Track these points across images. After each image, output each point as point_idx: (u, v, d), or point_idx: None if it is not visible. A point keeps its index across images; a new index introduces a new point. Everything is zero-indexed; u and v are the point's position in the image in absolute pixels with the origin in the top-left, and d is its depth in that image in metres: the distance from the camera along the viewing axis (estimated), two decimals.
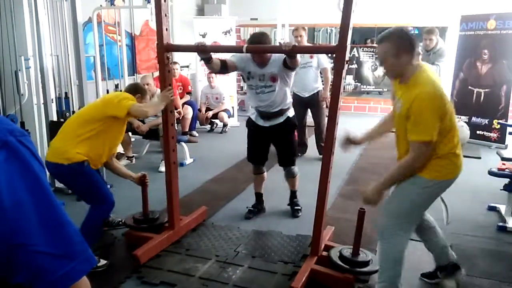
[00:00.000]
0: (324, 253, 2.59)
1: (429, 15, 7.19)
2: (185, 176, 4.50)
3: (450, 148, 2.02)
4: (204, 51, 2.59)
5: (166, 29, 2.54)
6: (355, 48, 8.08)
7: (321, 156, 5.03)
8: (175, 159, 2.84)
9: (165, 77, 2.65)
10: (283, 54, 2.71)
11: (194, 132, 6.40)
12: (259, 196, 3.52)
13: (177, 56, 7.02)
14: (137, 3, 6.29)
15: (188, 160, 4.96)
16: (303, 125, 5.14)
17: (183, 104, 6.11)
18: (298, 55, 2.78)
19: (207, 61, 2.73)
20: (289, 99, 3.18)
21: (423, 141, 1.91)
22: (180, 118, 5.89)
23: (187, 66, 7.68)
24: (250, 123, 3.29)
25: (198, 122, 6.65)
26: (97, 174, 2.67)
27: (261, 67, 2.96)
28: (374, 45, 8.27)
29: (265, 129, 3.18)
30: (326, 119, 5.19)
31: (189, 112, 6.02)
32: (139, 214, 3.00)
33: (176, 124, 5.50)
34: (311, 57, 4.89)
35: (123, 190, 3.66)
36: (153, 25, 7.47)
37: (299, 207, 3.47)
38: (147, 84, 4.42)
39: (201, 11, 9.01)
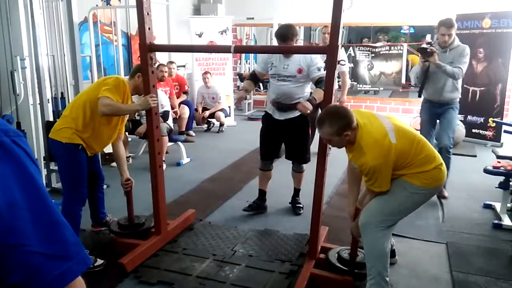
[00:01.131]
0: (322, 256, 2.59)
1: (424, 14, 7.21)
2: (182, 175, 4.51)
3: (420, 170, 2.12)
4: (198, 51, 2.59)
5: (149, 28, 2.49)
6: (351, 47, 8.09)
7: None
8: (161, 162, 2.80)
9: (149, 78, 2.58)
10: (314, 74, 3.09)
11: (191, 132, 6.40)
12: (262, 193, 3.53)
13: (174, 56, 7.02)
14: (133, 2, 6.24)
15: (185, 160, 4.96)
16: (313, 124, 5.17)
17: (180, 103, 6.10)
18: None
19: (256, 82, 3.39)
20: (307, 95, 3.23)
21: (377, 191, 2.18)
22: (177, 117, 5.89)
23: (184, 66, 7.68)
24: (266, 117, 3.37)
25: (194, 121, 6.65)
26: (85, 164, 2.69)
27: (286, 56, 3.10)
28: (371, 44, 8.30)
29: (281, 123, 3.23)
30: None
31: (185, 111, 6.02)
32: (124, 220, 2.92)
33: (173, 124, 5.54)
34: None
35: (120, 190, 3.65)
36: None
37: (301, 205, 3.50)
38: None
39: (197, 11, 9.00)
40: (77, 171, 2.66)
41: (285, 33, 2.95)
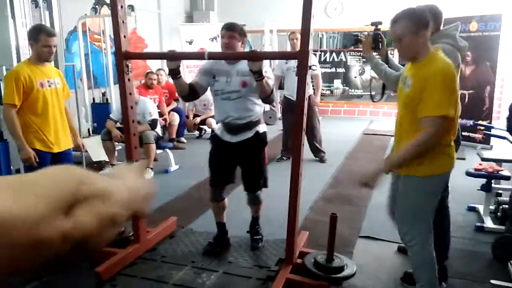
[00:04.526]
0: (299, 261, 2.58)
1: None
2: (169, 182, 4.51)
3: (449, 139, 2.00)
4: (172, 58, 2.50)
5: (124, 36, 2.52)
6: (342, 53, 8.12)
7: (313, 158, 5.10)
8: None
9: (125, 87, 2.59)
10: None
11: (182, 139, 6.41)
12: (221, 226, 2.98)
13: (164, 64, 7.05)
14: None
15: (173, 167, 4.97)
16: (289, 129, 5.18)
17: (170, 111, 6.12)
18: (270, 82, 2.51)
19: (176, 74, 2.54)
20: (260, 112, 2.76)
21: (439, 116, 1.83)
22: (166, 125, 5.91)
23: None
24: (214, 139, 2.91)
25: (186, 128, 6.67)
26: (40, 166, 2.78)
27: (230, 63, 2.64)
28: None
29: (232, 145, 2.74)
30: (318, 122, 5.25)
31: (175, 119, 6.04)
32: None
33: (163, 131, 5.55)
34: None
35: None
36: (140, 32, 7.52)
37: (260, 236, 2.96)
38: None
39: (189, 18, 9.07)
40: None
41: (234, 24, 2.66)
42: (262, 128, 2.78)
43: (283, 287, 2.35)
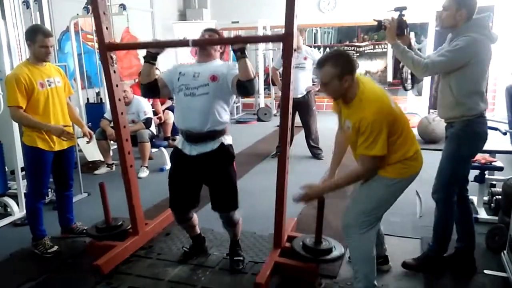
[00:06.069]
0: (288, 244, 2.60)
1: (410, 11, 7.24)
2: (164, 180, 4.37)
3: (401, 154, 2.08)
4: (156, 47, 2.42)
5: (107, 28, 2.50)
6: (336, 48, 8.13)
7: (311, 155, 5.09)
8: (132, 162, 2.78)
9: (111, 78, 2.57)
10: (234, 72, 2.33)
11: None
12: (195, 238, 2.82)
13: (159, 63, 7.03)
14: (115, 10, 6.30)
15: (168, 165, 4.94)
16: (291, 125, 5.19)
17: (165, 109, 6.12)
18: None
19: (153, 59, 2.39)
20: (226, 121, 2.46)
21: (372, 156, 2.00)
22: (161, 123, 5.92)
23: None
24: (174, 154, 2.57)
25: None
26: (47, 166, 2.88)
27: (201, 61, 2.48)
28: (355, 43, 8.35)
29: (193, 160, 2.42)
30: (315, 121, 5.24)
31: (170, 117, 6.03)
32: (101, 223, 2.94)
33: (158, 129, 5.55)
34: (305, 58, 4.92)
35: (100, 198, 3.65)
36: (133, 31, 7.50)
37: (241, 258, 2.66)
38: (124, 91, 4.45)
39: (183, 16, 9.06)
40: (38, 171, 2.87)
41: (215, 29, 2.69)
42: (227, 139, 2.49)
43: (272, 270, 2.38)
